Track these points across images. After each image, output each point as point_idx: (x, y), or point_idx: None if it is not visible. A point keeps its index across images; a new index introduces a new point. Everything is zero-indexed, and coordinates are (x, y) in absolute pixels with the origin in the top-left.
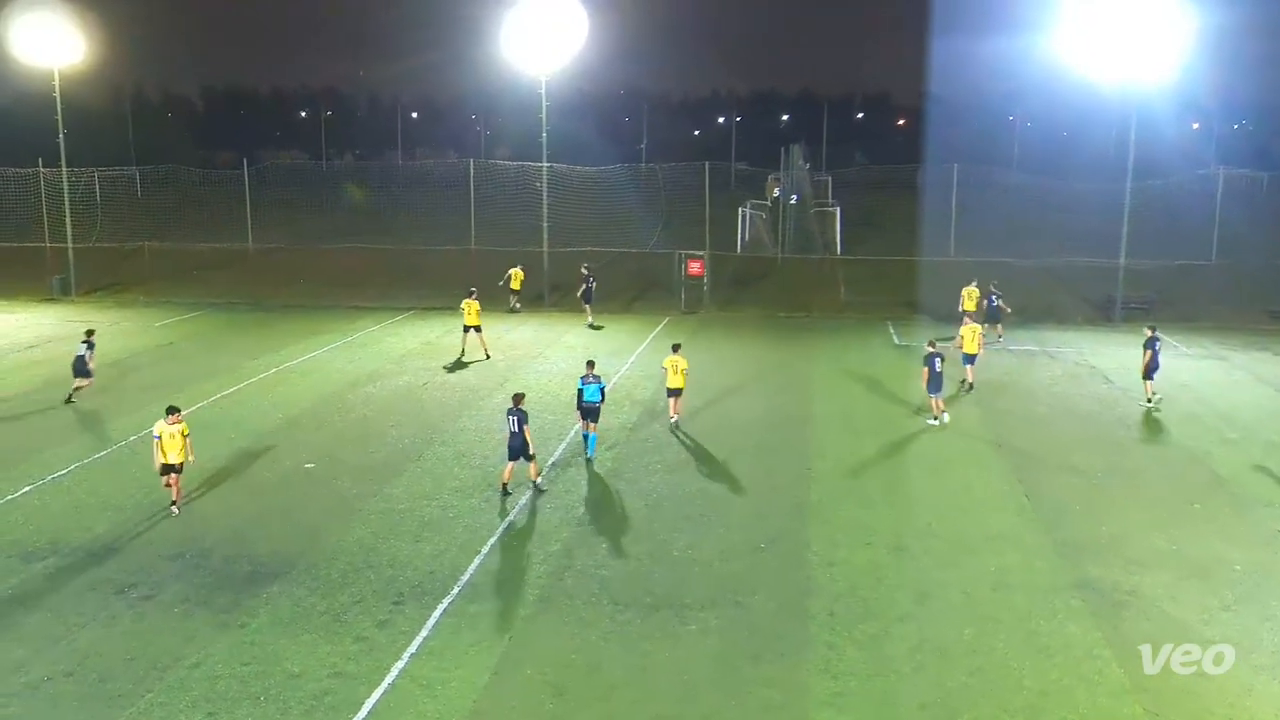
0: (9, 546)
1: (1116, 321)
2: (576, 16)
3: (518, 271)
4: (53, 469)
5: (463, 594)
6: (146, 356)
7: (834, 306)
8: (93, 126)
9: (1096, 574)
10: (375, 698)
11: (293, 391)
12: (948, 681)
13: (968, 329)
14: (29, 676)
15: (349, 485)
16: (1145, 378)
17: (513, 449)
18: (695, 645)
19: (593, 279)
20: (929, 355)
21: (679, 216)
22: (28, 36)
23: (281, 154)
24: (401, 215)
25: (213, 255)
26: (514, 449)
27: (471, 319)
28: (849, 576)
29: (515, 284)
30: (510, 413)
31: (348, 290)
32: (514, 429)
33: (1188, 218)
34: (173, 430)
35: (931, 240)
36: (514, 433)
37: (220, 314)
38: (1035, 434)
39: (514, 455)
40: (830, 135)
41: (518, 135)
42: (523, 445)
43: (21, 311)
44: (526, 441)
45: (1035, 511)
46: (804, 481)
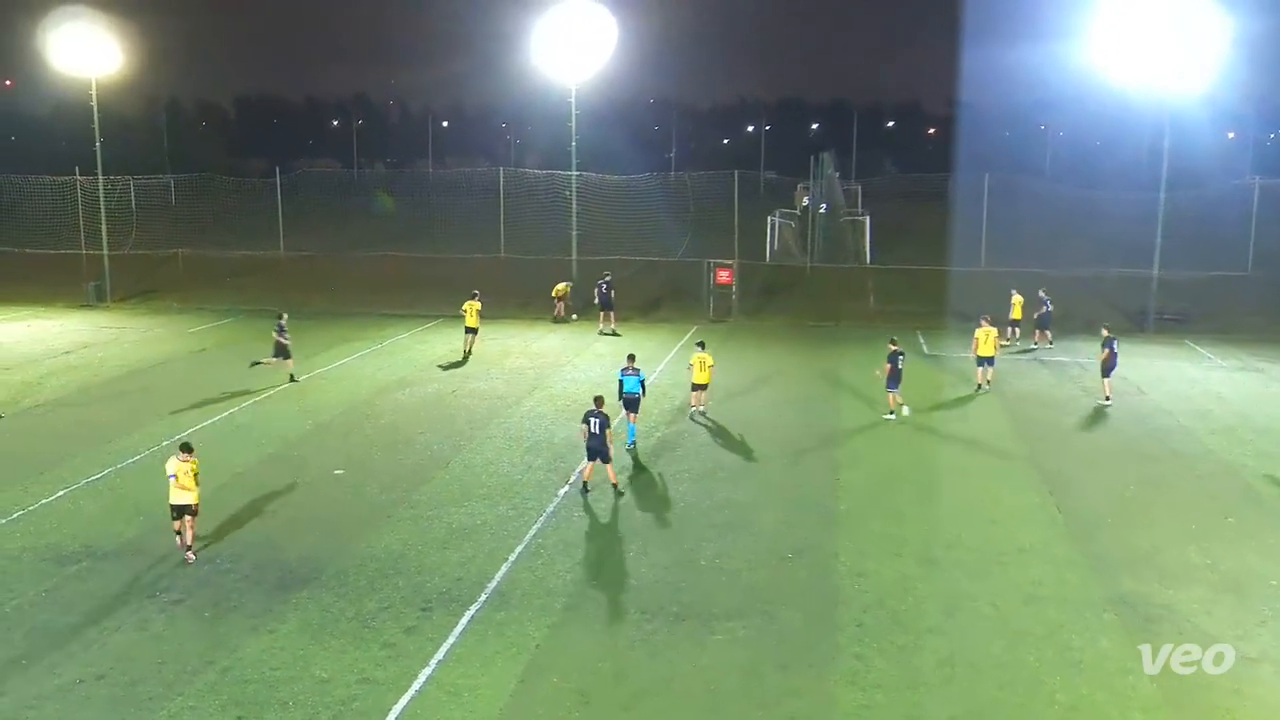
0: (44, 550)
1: (1149, 333)
2: (606, 25)
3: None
4: (86, 474)
5: (490, 601)
6: (179, 363)
7: (863, 316)
8: (128, 136)
9: (1129, 588)
10: (402, 704)
11: (323, 398)
12: (977, 695)
13: (983, 331)
14: (61, 679)
15: (378, 492)
16: (1104, 375)
17: (592, 450)
18: (722, 655)
19: (604, 285)
20: (892, 353)
21: (707, 225)
22: (66, 48)
23: (314, 163)
24: (432, 223)
25: (245, 262)
26: (594, 450)
27: (471, 320)
28: (877, 587)
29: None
30: (592, 415)
31: (378, 298)
32: (595, 430)
33: (1223, 228)
34: (186, 468)
35: (962, 250)
36: (595, 434)
37: (252, 321)
38: (1067, 445)
39: (593, 456)
40: (860, 144)
41: (547, 144)
42: (602, 447)
43: (58, 318)
44: (607, 444)
45: (1066, 524)
46: (832, 491)
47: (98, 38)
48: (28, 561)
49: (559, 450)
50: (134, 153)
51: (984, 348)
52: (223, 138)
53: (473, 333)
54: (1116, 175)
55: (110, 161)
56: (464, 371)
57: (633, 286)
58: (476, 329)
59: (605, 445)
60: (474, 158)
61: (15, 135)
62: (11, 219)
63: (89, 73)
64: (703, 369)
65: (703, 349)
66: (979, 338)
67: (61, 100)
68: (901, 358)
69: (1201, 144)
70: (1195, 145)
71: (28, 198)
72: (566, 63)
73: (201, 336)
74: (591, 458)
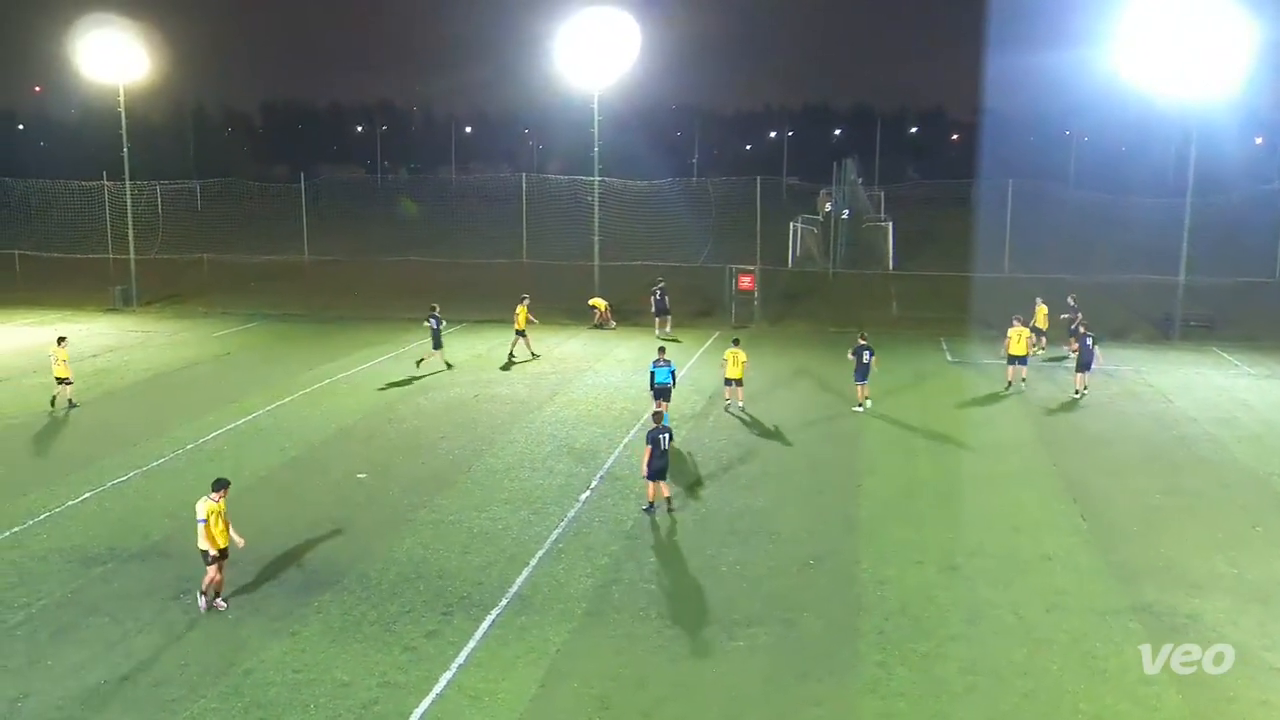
0: (69, 551)
1: (1175, 339)
2: (629, 31)
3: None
4: (113, 476)
5: (511, 606)
6: (204, 367)
7: (886, 322)
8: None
9: (1154, 597)
10: (423, 708)
11: (345, 402)
12: (1000, 704)
13: (1015, 331)
14: (86, 679)
15: (399, 496)
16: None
17: (659, 470)
18: (743, 662)
19: (659, 291)
20: (858, 346)
21: (730, 231)
22: (94, 54)
23: (338, 168)
24: (455, 229)
25: (270, 267)
26: (661, 469)
27: (519, 323)
28: (899, 595)
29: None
30: (659, 432)
31: (401, 302)
32: (665, 448)
33: (1250, 234)
34: (218, 510)
35: (985, 256)
36: (664, 451)
37: (276, 325)
38: (1092, 453)
39: (657, 476)
40: (883, 150)
41: (570, 149)
42: (668, 464)
43: (85, 321)
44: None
45: (1091, 532)
46: (854, 498)
47: (125, 45)
48: (54, 563)
49: (581, 455)
50: (160, 158)
51: (1015, 346)
52: (248, 144)
53: (521, 335)
54: (1142, 181)
55: (137, 167)
56: (486, 376)
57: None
58: (524, 331)
59: (668, 462)
60: (497, 163)
61: (44, 141)
62: (40, 223)
63: (117, 79)
64: (735, 363)
65: (737, 345)
66: (1011, 336)
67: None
68: (867, 353)
69: (1228, 149)
70: (1222, 150)
71: (56, 202)
72: (590, 69)
73: (226, 340)
74: (655, 477)
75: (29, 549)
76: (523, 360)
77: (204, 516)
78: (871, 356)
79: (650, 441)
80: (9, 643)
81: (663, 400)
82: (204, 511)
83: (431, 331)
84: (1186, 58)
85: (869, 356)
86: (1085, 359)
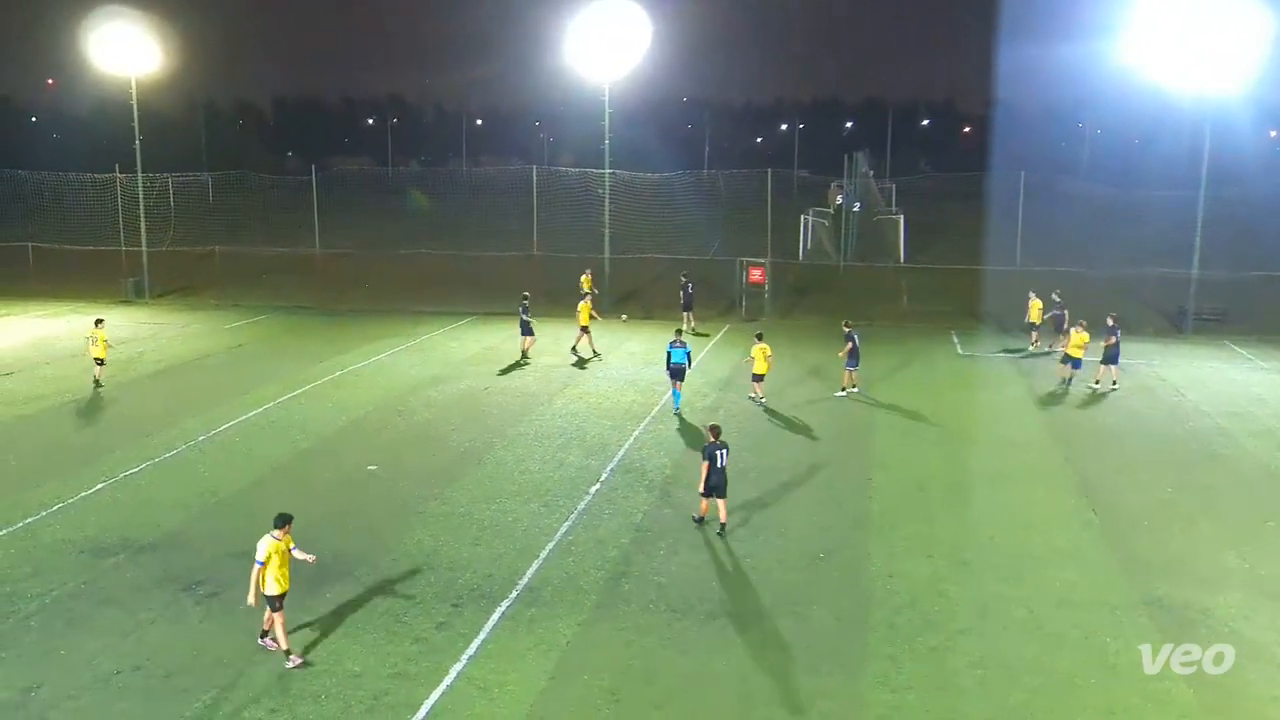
0: (82, 542)
1: (1187, 333)
2: (640, 24)
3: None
4: (125, 467)
5: (521, 598)
6: (216, 359)
7: (897, 315)
8: (167, 134)
9: (1166, 592)
10: (434, 698)
11: (356, 394)
12: (1010, 698)
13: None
14: (99, 669)
15: (410, 488)
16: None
17: (715, 486)
18: (753, 655)
19: (690, 285)
20: (847, 333)
21: (740, 224)
22: (107, 47)
23: (350, 161)
24: (465, 221)
25: (281, 260)
26: (716, 486)
27: (582, 319)
28: (909, 589)
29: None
30: (716, 448)
31: (411, 295)
32: (722, 464)
33: (1264, 227)
34: (282, 545)
35: (997, 249)
36: (721, 468)
37: (287, 317)
38: (1104, 447)
39: (712, 492)
40: (894, 142)
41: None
42: (724, 481)
43: (98, 313)
44: (727, 477)
45: (1102, 526)
46: (864, 492)
47: (138, 38)
48: (67, 554)
49: (591, 448)
50: (173, 151)
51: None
52: (260, 136)
53: (585, 331)
54: (1155, 174)
55: (149, 159)
56: (496, 369)
57: (665, 286)
58: (588, 328)
59: (726, 480)
60: (507, 156)
61: (57, 133)
62: (53, 216)
63: (129, 72)
64: (763, 359)
65: (761, 340)
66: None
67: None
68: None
69: (1242, 142)
70: (1236, 144)
71: (69, 195)
72: (601, 62)
73: (238, 332)
74: (710, 494)
75: (43, 540)
76: (588, 358)
77: (263, 558)
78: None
79: (707, 457)
80: (23, 632)
81: (677, 380)
82: (264, 552)
83: (521, 321)
84: (1200, 50)
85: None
86: (1112, 353)
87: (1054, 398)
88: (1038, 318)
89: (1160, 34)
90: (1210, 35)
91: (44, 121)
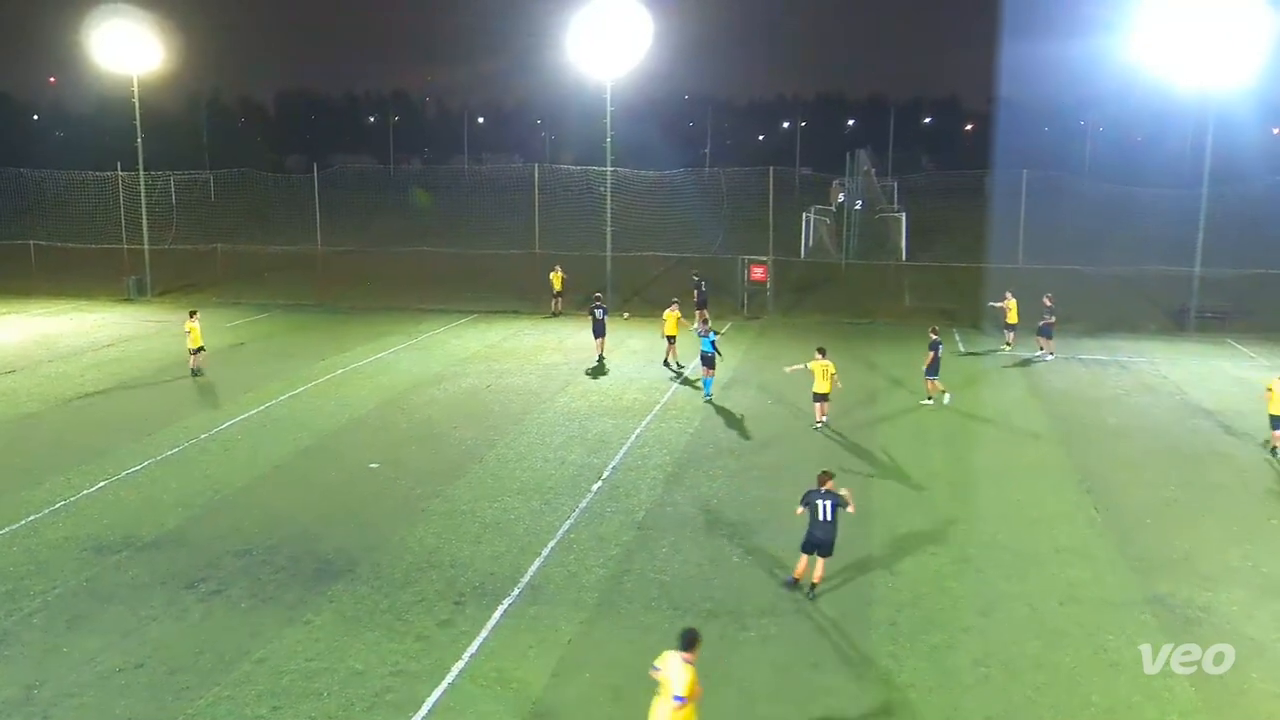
0: (85, 540)
1: (1189, 331)
2: (642, 21)
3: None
4: (127, 465)
5: (523, 596)
6: (218, 356)
7: (899, 313)
8: (169, 132)
9: (1168, 590)
10: (436, 696)
11: (358, 392)
12: (1012, 695)
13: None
14: (101, 666)
15: (412, 485)
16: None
17: (819, 542)
18: (755, 652)
19: (704, 284)
20: (933, 341)
21: (742, 221)
22: (109, 45)
23: (351, 159)
24: (467, 219)
25: (282, 258)
26: (821, 542)
27: (669, 329)
28: (912, 586)
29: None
30: (819, 495)
31: (413, 293)
32: (826, 517)
33: (1267, 225)
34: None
35: (999, 247)
36: (825, 521)
37: (289, 315)
38: (1106, 445)
39: (813, 548)
40: (897, 140)
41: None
42: (830, 538)
43: (99, 311)
44: (836, 534)
45: (1105, 525)
46: (867, 489)
47: (139, 35)
48: (69, 551)
49: (592, 445)
50: (175, 149)
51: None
52: (262, 134)
53: (671, 341)
54: (1158, 171)
55: (151, 157)
56: (498, 367)
57: (666, 283)
58: (674, 337)
59: (834, 536)
60: (509, 154)
61: (59, 131)
62: (55, 214)
63: (131, 70)
64: (824, 377)
65: (823, 355)
66: None
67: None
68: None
69: (1245, 140)
70: (1239, 141)
71: (70, 193)
72: (602, 59)
73: (239, 330)
74: (810, 550)
75: (45, 537)
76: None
77: (683, 693)
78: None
79: (805, 505)
80: (25, 630)
81: (706, 367)
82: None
83: (596, 321)
84: (1204, 47)
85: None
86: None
87: (1057, 395)
88: (1014, 318)
89: (1163, 31)
90: (1213, 32)
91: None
